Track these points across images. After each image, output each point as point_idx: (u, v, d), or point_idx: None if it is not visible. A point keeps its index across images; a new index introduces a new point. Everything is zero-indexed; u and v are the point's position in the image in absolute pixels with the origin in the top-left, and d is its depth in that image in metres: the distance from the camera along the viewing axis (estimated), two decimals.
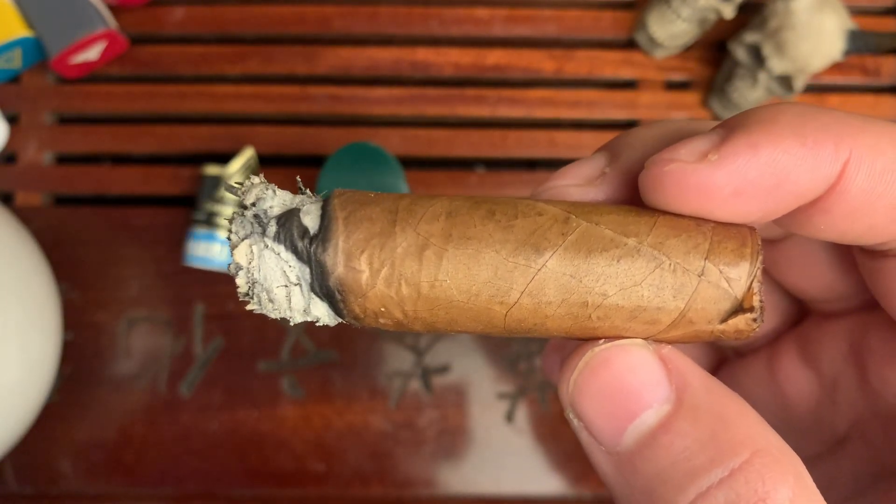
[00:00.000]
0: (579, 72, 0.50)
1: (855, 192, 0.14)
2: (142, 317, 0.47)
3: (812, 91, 0.50)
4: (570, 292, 0.15)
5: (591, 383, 0.15)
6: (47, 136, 0.49)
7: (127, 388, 0.46)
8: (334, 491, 0.45)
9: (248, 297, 0.16)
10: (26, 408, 0.38)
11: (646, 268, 0.15)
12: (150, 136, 0.49)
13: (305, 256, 0.15)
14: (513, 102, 0.50)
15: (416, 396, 0.46)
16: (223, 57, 0.50)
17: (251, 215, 0.15)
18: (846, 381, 0.18)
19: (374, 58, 0.50)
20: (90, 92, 0.50)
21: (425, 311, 0.15)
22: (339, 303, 0.15)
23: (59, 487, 0.45)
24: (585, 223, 0.15)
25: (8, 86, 0.50)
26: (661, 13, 0.48)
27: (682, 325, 0.15)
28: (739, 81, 0.47)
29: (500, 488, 0.45)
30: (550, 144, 0.49)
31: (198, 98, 0.50)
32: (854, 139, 0.14)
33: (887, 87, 0.50)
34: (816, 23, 0.43)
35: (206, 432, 0.45)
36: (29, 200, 0.48)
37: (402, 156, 0.46)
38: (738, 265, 0.15)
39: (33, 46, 0.48)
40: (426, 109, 0.50)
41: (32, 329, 0.37)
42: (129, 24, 0.50)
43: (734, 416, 0.14)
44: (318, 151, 0.48)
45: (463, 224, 0.15)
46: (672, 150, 0.15)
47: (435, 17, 0.51)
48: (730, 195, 0.14)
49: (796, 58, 0.44)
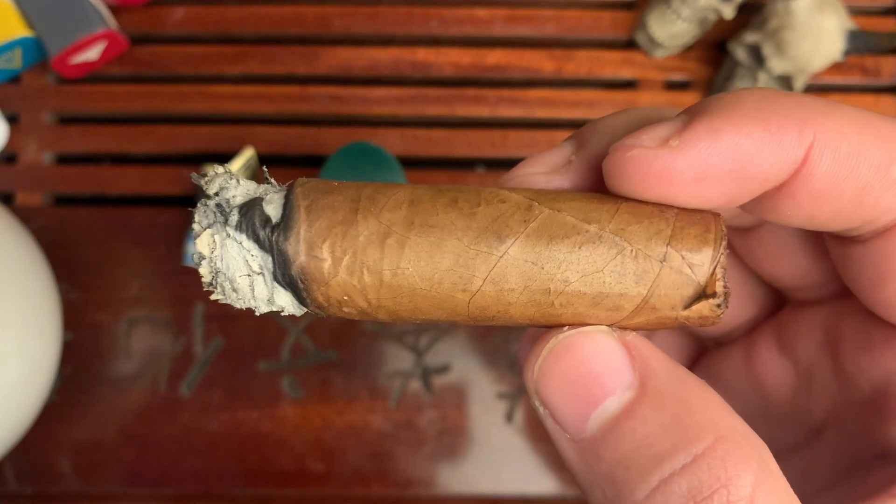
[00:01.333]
0: (579, 72, 0.50)
1: (820, 175, 0.14)
2: (142, 317, 0.47)
3: (812, 91, 0.50)
4: (533, 279, 0.15)
5: (554, 370, 0.15)
6: (47, 136, 0.49)
7: (127, 388, 0.46)
8: (334, 491, 0.45)
9: (211, 287, 0.16)
10: (26, 408, 0.38)
11: (607, 254, 0.15)
12: (150, 136, 0.49)
13: (267, 245, 0.15)
14: (513, 102, 0.50)
15: (416, 396, 0.46)
16: (223, 57, 0.50)
17: (214, 205, 0.15)
18: (821, 370, 0.18)
19: (374, 58, 0.50)
20: (90, 92, 0.50)
21: (388, 300, 0.15)
22: (302, 292, 0.15)
23: (59, 487, 0.45)
24: (548, 210, 0.15)
25: (8, 86, 0.50)
26: (661, 13, 0.48)
27: (646, 312, 0.15)
28: (739, 81, 0.47)
29: (500, 488, 0.45)
30: (550, 144, 0.49)
31: (198, 98, 0.50)
32: (818, 123, 0.14)
33: (887, 86, 0.50)
34: (816, 23, 0.43)
35: (206, 432, 0.45)
36: (29, 200, 0.48)
37: (402, 156, 0.46)
38: (700, 251, 0.15)
39: (33, 46, 0.48)
40: (426, 109, 0.50)
41: (32, 329, 0.37)
42: (129, 24, 0.50)
43: (698, 401, 0.14)
44: (318, 151, 0.48)
45: (425, 212, 0.15)
46: (634, 137, 0.15)
47: (435, 17, 0.51)
48: (692, 180, 0.14)
49: (796, 58, 0.44)
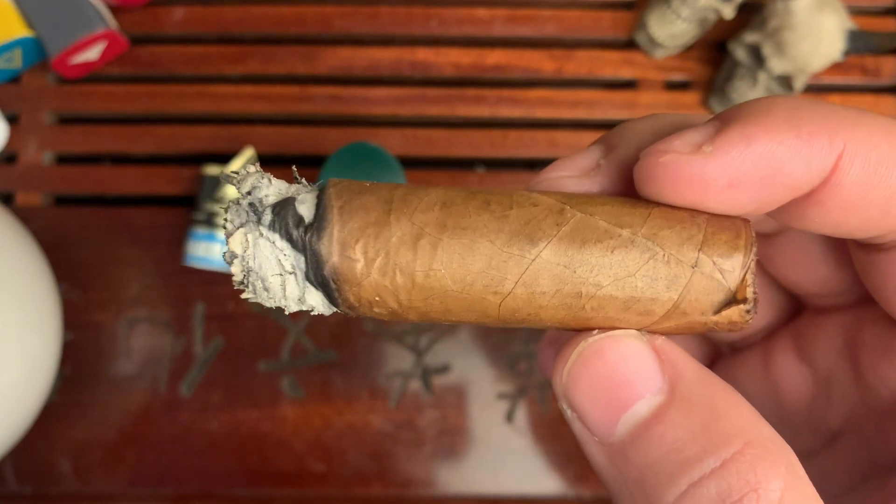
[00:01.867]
0: (579, 72, 0.50)
1: (849, 184, 0.14)
2: (142, 317, 0.47)
3: (812, 91, 0.50)
4: (564, 283, 0.15)
5: (584, 373, 0.15)
6: (47, 136, 0.49)
7: (127, 388, 0.46)
8: (334, 491, 0.45)
9: (242, 286, 0.16)
10: (26, 408, 0.38)
11: (640, 258, 0.15)
12: (150, 136, 0.49)
13: (300, 245, 0.15)
14: (513, 102, 0.50)
15: (416, 396, 0.46)
16: (223, 57, 0.50)
17: (247, 204, 0.15)
18: (841, 377, 0.18)
19: (374, 58, 0.50)
20: (90, 92, 0.50)
21: (420, 301, 0.15)
22: (334, 292, 0.15)
23: (59, 487, 0.45)
24: (580, 214, 0.15)
25: (8, 86, 0.50)
26: (661, 13, 0.48)
27: (676, 317, 0.15)
28: (739, 81, 0.47)
29: (500, 488, 0.45)
30: (550, 144, 0.49)
31: (198, 98, 0.50)
32: (849, 131, 0.14)
33: (887, 86, 0.50)
34: (816, 23, 0.43)
35: (206, 432, 0.45)
36: (29, 200, 0.48)
37: (402, 156, 0.46)
38: (731, 256, 0.15)
39: (33, 46, 0.48)
40: (426, 109, 0.50)
41: (32, 329, 0.37)
42: (129, 24, 0.50)
43: (727, 406, 0.14)
44: (318, 151, 0.48)
45: (458, 214, 0.15)
46: (666, 142, 0.15)
47: (435, 17, 0.51)
48: (724, 187, 0.14)
49: (796, 58, 0.44)
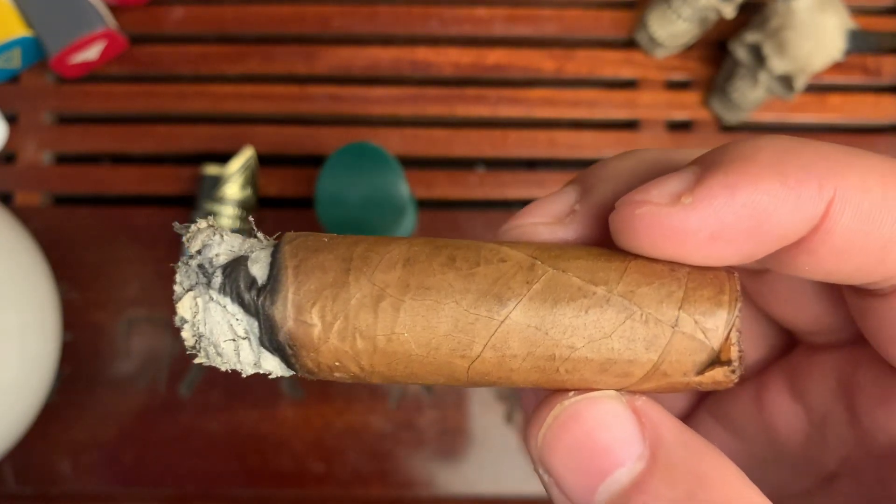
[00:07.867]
0: (579, 71, 0.50)
1: (841, 232, 0.13)
2: (141, 317, 0.47)
3: (813, 91, 0.49)
4: (536, 345, 0.14)
5: (560, 439, 0.14)
6: (46, 135, 0.49)
7: (126, 388, 0.46)
8: (334, 491, 0.45)
9: (194, 351, 0.15)
10: (26, 408, 0.38)
11: (616, 319, 0.14)
12: (150, 136, 0.49)
13: (253, 309, 0.14)
14: (513, 102, 0.50)
15: (416, 397, 0.46)
16: (223, 57, 0.50)
17: (195, 265, 0.15)
18: (835, 419, 0.17)
19: (374, 58, 0.50)
20: (90, 92, 0.50)
21: (383, 366, 0.14)
22: (291, 357, 0.14)
23: (59, 487, 0.45)
24: (552, 270, 0.14)
25: (7, 86, 0.50)
26: (661, 13, 0.48)
27: (656, 378, 0.14)
28: (740, 81, 0.47)
29: (500, 488, 0.45)
30: (550, 144, 0.49)
31: (198, 98, 0.49)
32: (839, 177, 0.13)
33: (888, 86, 0.50)
34: (817, 22, 0.43)
35: (206, 432, 0.45)
36: (28, 200, 0.48)
37: (402, 156, 0.46)
38: (714, 314, 0.14)
39: (33, 46, 0.48)
40: (426, 109, 0.49)
41: (32, 329, 0.37)
42: (129, 23, 0.50)
43: (712, 474, 0.13)
44: (318, 151, 0.48)
45: (421, 272, 0.14)
46: (643, 191, 0.14)
47: (435, 17, 0.51)
48: (705, 240, 0.13)
49: (797, 57, 0.44)
